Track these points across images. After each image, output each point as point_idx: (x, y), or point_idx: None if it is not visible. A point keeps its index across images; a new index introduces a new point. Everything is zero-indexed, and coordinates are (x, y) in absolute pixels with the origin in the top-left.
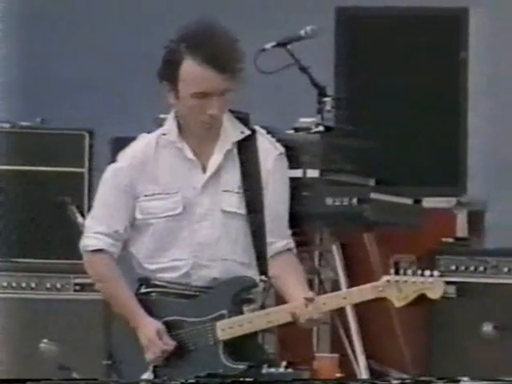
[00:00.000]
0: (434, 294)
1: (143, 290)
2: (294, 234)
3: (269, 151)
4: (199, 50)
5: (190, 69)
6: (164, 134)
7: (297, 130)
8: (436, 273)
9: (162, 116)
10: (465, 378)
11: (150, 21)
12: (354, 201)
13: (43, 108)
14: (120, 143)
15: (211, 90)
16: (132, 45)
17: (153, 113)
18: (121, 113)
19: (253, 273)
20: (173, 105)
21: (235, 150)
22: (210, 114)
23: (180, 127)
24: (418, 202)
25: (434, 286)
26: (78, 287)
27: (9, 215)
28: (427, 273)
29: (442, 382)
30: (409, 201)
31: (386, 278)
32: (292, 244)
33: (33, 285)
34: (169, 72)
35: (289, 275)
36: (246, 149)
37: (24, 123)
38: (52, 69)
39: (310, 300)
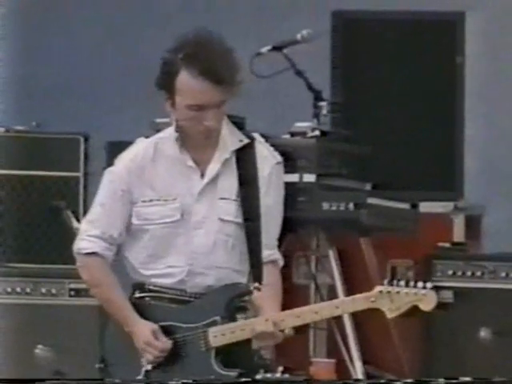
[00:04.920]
0: (426, 305)
1: (137, 295)
2: (290, 239)
3: (266, 159)
4: (195, 62)
5: (186, 81)
6: (163, 140)
7: (293, 134)
8: (429, 284)
9: (158, 120)
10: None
11: (144, 24)
12: (351, 206)
13: (38, 112)
14: (115, 148)
15: (207, 103)
16: (128, 49)
17: (149, 117)
18: (116, 117)
19: (247, 280)
20: (171, 113)
21: (233, 158)
22: (207, 126)
23: (179, 133)
24: (414, 206)
25: (426, 297)
26: (73, 292)
27: (3, 220)
28: (420, 284)
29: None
30: (405, 205)
31: (378, 288)
32: (276, 255)
33: (28, 290)
34: (166, 82)
35: (263, 288)
36: (244, 156)
37: (19, 127)
38: (47, 73)
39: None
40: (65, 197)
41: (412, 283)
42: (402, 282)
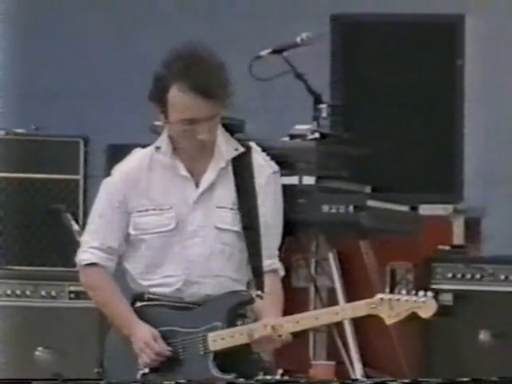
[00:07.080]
0: (425, 313)
1: (138, 305)
2: (290, 242)
3: (263, 168)
4: (186, 77)
5: (177, 96)
6: (158, 149)
7: (292, 137)
8: (430, 293)
9: (157, 123)
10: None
11: (145, 26)
12: (351, 208)
13: (38, 115)
14: (115, 150)
15: (199, 117)
16: (128, 51)
17: (148, 120)
18: (116, 120)
19: (244, 289)
20: (164, 126)
21: (230, 167)
22: (200, 139)
23: (173, 144)
24: (414, 209)
25: (425, 305)
26: (72, 295)
27: (3, 222)
28: (421, 292)
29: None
30: (405, 208)
31: (380, 295)
32: (277, 265)
33: (28, 292)
34: (158, 96)
35: (265, 297)
36: (240, 165)
37: (19, 130)
38: (47, 76)
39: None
40: (64, 199)
41: (413, 291)
42: (404, 291)
